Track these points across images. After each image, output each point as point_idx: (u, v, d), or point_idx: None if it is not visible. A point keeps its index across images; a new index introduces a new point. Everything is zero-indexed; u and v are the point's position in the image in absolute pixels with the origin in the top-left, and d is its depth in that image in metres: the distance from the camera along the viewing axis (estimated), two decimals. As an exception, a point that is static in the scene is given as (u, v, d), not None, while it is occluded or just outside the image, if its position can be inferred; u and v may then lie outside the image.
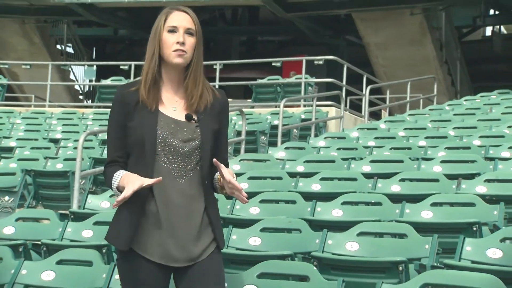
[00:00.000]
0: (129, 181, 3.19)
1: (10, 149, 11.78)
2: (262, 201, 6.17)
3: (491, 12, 24.90)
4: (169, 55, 3.34)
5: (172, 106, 3.41)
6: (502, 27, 28.36)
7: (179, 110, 3.40)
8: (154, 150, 3.29)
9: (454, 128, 10.65)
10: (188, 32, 3.37)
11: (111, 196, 7.33)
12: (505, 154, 8.04)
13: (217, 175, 3.40)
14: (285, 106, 12.87)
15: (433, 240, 4.67)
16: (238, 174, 8.07)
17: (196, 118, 3.36)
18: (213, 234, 3.40)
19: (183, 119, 3.36)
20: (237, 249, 4.53)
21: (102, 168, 9.25)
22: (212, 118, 3.42)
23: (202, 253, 3.34)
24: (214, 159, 3.26)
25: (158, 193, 3.29)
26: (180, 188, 3.31)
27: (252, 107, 15.65)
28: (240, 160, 9.32)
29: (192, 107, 3.38)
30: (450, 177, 6.76)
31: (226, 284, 3.89)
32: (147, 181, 3.16)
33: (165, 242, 3.29)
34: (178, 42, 3.32)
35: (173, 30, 3.35)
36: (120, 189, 3.26)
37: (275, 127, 12.28)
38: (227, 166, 3.45)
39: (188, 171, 3.34)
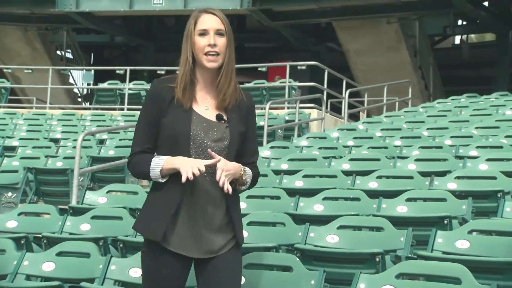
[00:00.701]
0: (189, 161, 3.17)
1: (13, 148, 11.76)
2: (248, 197, 6.10)
3: (460, 22, 24.97)
4: (202, 58, 3.31)
5: (205, 105, 3.37)
6: (470, 36, 28.54)
7: (211, 110, 3.36)
8: (188, 146, 3.26)
9: (427, 128, 10.67)
10: (218, 33, 3.32)
11: (108, 192, 7.33)
12: (473, 153, 8.07)
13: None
14: (270, 108, 12.89)
15: (408, 233, 4.68)
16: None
17: (226, 119, 3.34)
18: (234, 231, 3.39)
19: (214, 119, 3.33)
20: None
21: (99, 165, 9.34)
22: (239, 120, 3.40)
23: (222, 248, 3.34)
24: (208, 150, 3.23)
25: (187, 189, 3.25)
26: (206, 185, 3.29)
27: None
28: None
29: (223, 104, 3.35)
30: (424, 174, 6.76)
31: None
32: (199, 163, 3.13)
33: (189, 235, 3.28)
34: (209, 45, 3.29)
35: (203, 33, 3.31)
36: (164, 172, 3.22)
37: (260, 128, 12.26)
38: (255, 160, 3.51)
39: (215, 169, 3.24)
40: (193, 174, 3.08)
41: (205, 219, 3.29)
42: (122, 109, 17.02)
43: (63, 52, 25.92)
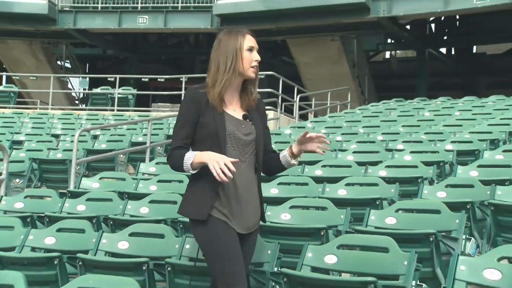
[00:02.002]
0: (213, 156, 3.17)
1: (20, 142, 11.62)
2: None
3: (389, 40, 25.20)
4: (247, 69, 3.35)
5: (232, 108, 3.39)
6: (397, 52, 28.85)
7: (237, 111, 3.40)
8: (225, 140, 3.27)
9: (363, 127, 10.74)
10: (258, 51, 3.43)
11: (100, 178, 7.28)
12: (400, 146, 8.15)
13: (287, 156, 3.53)
14: (235, 110, 12.85)
15: (347, 211, 4.71)
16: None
17: (250, 117, 3.39)
18: (261, 210, 3.45)
19: (241, 118, 3.38)
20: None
21: (93, 157, 9.30)
22: (259, 119, 3.47)
23: (254, 225, 3.40)
24: (306, 131, 3.55)
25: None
26: (242, 171, 3.29)
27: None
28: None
29: (248, 106, 3.42)
30: (360, 164, 6.80)
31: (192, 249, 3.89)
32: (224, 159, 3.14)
33: (235, 213, 3.27)
34: (256, 60, 3.38)
35: (250, 50, 3.36)
36: (194, 166, 3.22)
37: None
38: (272, 152, 3.63)
39: (247, 158, 3.35)
40: (229, 169, 3.12)
41: (246, 199, 3.31)
42: (113, 110, 16.97)
43: (62, 63, 25.82)
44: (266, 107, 15.48)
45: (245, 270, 3.32)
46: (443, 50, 25.36)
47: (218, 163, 3.10)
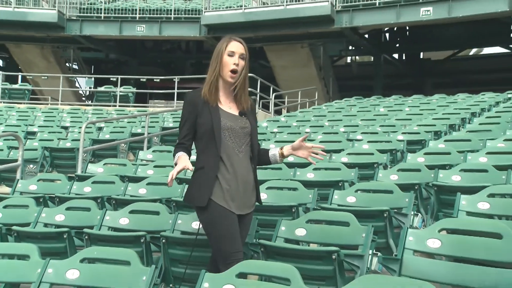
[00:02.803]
0: (178, 162, 3.19)
1: (33, 133, 11.51)
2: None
3: (350, 47, 25.28)
4: (226, 74, 3.24)
5: (228, 106, 3.29)
6: (356, 57, 28.98)
7: (233, 109, 3.30)
8: (220, 134, 3.19)
9: (328, 120, 10.77)
10: (241, 57, 3.25)
11: (104, 164, 7.25)
12: (359, 137, 8.18)
13: (276, 155, 3.49)
14: (220, 106, 12.84)
15: (314, 192, 4.72)
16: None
17: (245, 114, 3.30)
18: (256, 193, 3.39)
19: (236, 114, 3.29)
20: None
21: (98, 145, 9.26)
22: (252, 116, 3.37)
23: (251, 207, 3.34)
24: (306, 135, 3.57)
25: (228, 163, 3.19)
26: (239, 160, 3.23)
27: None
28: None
29: (240, 108, 3.31)
30: (326, 151, 6.75)
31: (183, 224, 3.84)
32: (180, 167, 3.14)
33: (235, 197, 3.20)
34: (234, 63, 3.21)
35: (231, 55, 3.23)
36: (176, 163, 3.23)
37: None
38: (259, 146, 3.51)
39: (243, 148, 3.26)
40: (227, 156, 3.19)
41: (244, 184, 3.25)
42: (115, 106, 16.86)
43: (70, 64, 25.53)
44: (246, 104, 15.68)
45: (241, 244, 3.25)
46: (396, 55, 25.47)
47: (174, 169, 3.16)
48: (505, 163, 5.40)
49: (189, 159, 3.29)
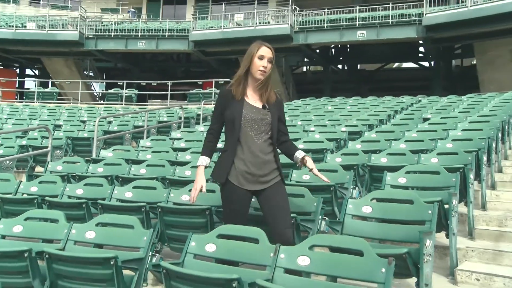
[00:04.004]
0: (196, 179, 3.06)
1: (59, 126, 11.32)
2: (193, 167, 5.44)
3: (305, 59, 25.33)
4: (256, 72, 3.02)
5: (253, 99, 3.05)
6: (310, 67, 29.06)
7: (257, 103, 3.05)
8: (240, 123, 2.98)
9: (288, 116, 10.74)
10: (269, 60, 3.04)
11: (113, 150, 7.17)
12: (312, 128, 8.21)
13: (299, 158, 3.13)
14: (205, 104, 12.81)
15: None
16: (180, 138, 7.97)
17: (267, 107, 3.06)
18: (278, 172, 3.07)
19: (260, 107, 3.05)
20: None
21: (108, 135, 9.16)
22: (275, 109, 3.09)
23: (270, 181, 3.03)
24: (315, 171, 3.09)
25: (245, 147, 2.99)
26: (257, 145, 2.99)
27: (187, 104, 15.46)
28: (181, 131, 9.22)
29: (264, 102, 3.07)
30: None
31: (175, 197, 3.82)
32: (196, 192, 3.02)
33: (248, 176, 2.99)
34: (263, 66, 3.01)
35: (261, 58, 3.02)
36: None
37: (199, 115, 12.22)
38: (288, 136, 3.22)
39: (261, 136, 3.01)
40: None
41: (260, 164, 3.00)
42: (121, 104, 16.81)
43: (87, 72, 25.34)
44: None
45: (278, 216, 2.96)
46: (340, 66, 25.60)
47: (194, 189, 3.02)
48: (417, 148, 5.55)
49: (217, 144, 3.19)
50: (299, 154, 3.14)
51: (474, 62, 19.62)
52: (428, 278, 2.65)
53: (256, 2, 20.81)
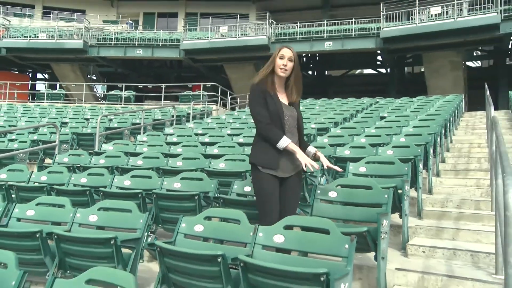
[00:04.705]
0: (303, 155, 2.76)
1: (66, 123, 11.09)
2: (184, 158, 5.36)
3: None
4: (278, 70, 2.86)
5: (281, 96, 2.87)
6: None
7: (284, 99, 2.88)
8: (283, 118, 2.81)
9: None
10: (289, 59, 2.87)
11: (113, 144, 7.04)
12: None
13: (311, 152, 2.95)
14: (194, 105, 12.71)
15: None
16: (171, 134, 7.89)
17: (293, 104, 2.91)
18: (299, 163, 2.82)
19: (287, 103, 2.88)
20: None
21: (109, 131, 8.99)
22: (297, 107, 2.96)
23: (293, 171, 2.83)
24: (329, 165, 2.91)
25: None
26: (289, 138, 2.79)
27: (179, 105, 15.31)
28: (173, 128, 9.13)
29: (290, 99, 2.90)
30: (241, 144, 6.16)
31: (168, 184, 3.73)
32: (311, 161, 2.73)
33: (282, 162, 2.77)
34: (283, 64, 2.86)
35: (282, 57, 2.87)
36: (285, 149, 2.74)
37: (189, 114, 12.12)
38: (303, 132, 2.98)
39: (292, 129, 2.85)
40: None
41: (289, 155, 2.79)
42: (121, 104, 16.55)
43: (91, 76, 24.81)
44: (211, 105, 15.48)
45: (291, 202, 2.81)
46: (310, 72, 25.67)
47: (311, 164, 2.72)
48: (375, 142, 5.58)
49: None
50: (311, 149, 2.99)
51: (423, 69, 19.91)
52: (384, 252, 2.68)
53: (238, 16, 20.70)
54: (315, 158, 2.97)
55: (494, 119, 3.74)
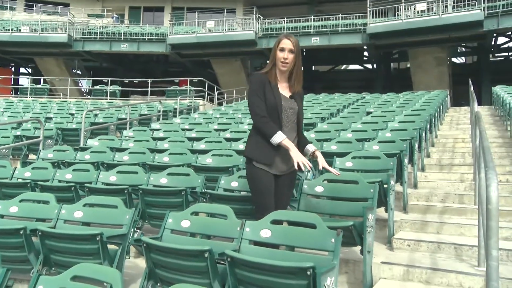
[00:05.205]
0: (297, 153, 2.60)
1: (50, 118, 10.92)
2: (170, 154, 5.28)
3: (267, 62, 25.27)
4: (279, 64, 2.71)
5: (283, 89, 2.74)
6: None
7: (286, 92, 2.75)
8: (281, 112, 2.67)
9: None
10: (290, 51, 2.70)
11: (99, 139, 6.95)
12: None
13: (310, 151, 2.81)
14: (181, 100, 12.63)
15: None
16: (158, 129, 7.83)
17: (294, 98, 2.76)
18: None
19: (288, 96, 2.75)
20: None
21: (95, 126, 8.88)
22: (299, 99, 2.79)
23: (288, 169, 2.73)
24: (326, 166, 2.74)
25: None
26: (285, 133, 2.67)
27: (165, 100, 15.19)
28: (160, 123, 9.06)
29: (292, 92, 2.75)
30: (228, 139, 6.09)
31: (154, 180, 3.70)
32: (304, 159, 2.58)
33: (277, 159, 2.67)
34: (284, 57, 2.70)
35: (282, 50, 2.70)
36: (280, 144, 2.61)
37: (176, 109, 12.04)
38: (302, 130, 2.85)
39: (290, 124, 2.71)
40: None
41: (285, 152, 2.67)
42: (106, 99, 16.32)
43: (75, 71, 24.51)
44: (197, 100, 15.42)
45: (282, 200, 2.73)
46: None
47: (303, 163, 2.57)
48: (361, 137, 5.60)
49: None
50: (310, 148, 2.84)
51: (409, 65, 20.11)
52: (370, 246, 2.70)
53: (225, 11, 20.60)
54: (313, 157, 2.83)
55: (477, 115, 3.80)
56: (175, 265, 2.21)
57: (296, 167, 2.61)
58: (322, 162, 2.77)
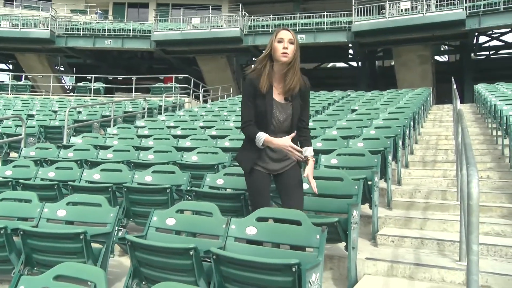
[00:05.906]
0: (281, 140, 2.53)
1: (32, 115, 10.73)
2: (155, 151, 5.24)
3: (253, 58, 25.28)
4: (278, 56, 2.54)
5: (277, 91, 2.60)
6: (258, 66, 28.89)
7: (281, 94, 2.60)
8: (271, 119, 2.56)
9: (238, 107, 10.70)
10: (290, 41, 2.57)
11: (82, 137, 6.85)
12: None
13: (308, 155, 2.69)
14: (165, 97, 12.53)
15: (229, 156, 4.62)
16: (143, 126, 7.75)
17: (290, 100, 2.61)
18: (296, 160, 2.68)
19: (283, 100, 2.60)
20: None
21: (78, 124, 8.74)
22: (299, 98, 2.63)
23: (285, 167, 2.66)
24: (310, 177, 2.62)
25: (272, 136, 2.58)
26: (278, 136, 2.58)
27: (150, 97, 15.05)
28: (145, 120, 8.98)
29: (288, 91, 2.59)
30: (213, 137, 6.05)
31: (139, 178, 3.69)
32: (292, 146, 2.51)
33: (273, 158, 2.63)
34: (284, 47, 2.54)
35: (281, 41, 2.56)
36: (264, 144, 2.55)
37: (161, 106, 11.95)
38: (307, 124, 2.74)
39: (282, 129, 2.59)
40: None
41: (280, 152, 2.61)
42: (90, 96, 16.13)
43: (58, 67, 24.01)
44: (183, 97, 15.34)
45: (290, 200, 2.63)
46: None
47: (291, 149, 2.52)
48: (346, 134, 5.64)
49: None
50: (306, 153, 2.70)
51: (393, 63, 20.34)
52: (355, 242, 2.73)
53: (211, 7, 20.50)
54: (305, 162, 2.72)
55: (460, 112, 3.87)
56: (160, 263, 2.20)
57: (293, 158, 2.58)
58: (308, 171, 2.65)
